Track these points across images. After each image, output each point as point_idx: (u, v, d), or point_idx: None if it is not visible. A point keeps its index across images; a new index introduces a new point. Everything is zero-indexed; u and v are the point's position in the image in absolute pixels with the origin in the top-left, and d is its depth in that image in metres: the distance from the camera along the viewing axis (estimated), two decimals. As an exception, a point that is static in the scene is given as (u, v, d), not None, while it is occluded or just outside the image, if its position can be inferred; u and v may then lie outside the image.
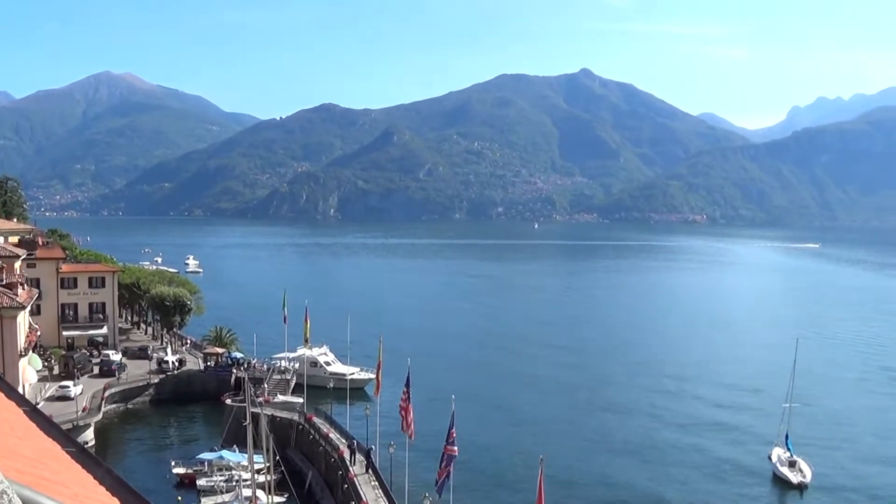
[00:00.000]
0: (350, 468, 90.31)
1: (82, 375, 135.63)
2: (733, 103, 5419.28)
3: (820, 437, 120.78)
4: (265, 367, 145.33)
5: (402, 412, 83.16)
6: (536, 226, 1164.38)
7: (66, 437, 16.41)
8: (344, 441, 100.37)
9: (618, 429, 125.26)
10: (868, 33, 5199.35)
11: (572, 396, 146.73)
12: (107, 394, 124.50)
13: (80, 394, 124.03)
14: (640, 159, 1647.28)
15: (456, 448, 70.10)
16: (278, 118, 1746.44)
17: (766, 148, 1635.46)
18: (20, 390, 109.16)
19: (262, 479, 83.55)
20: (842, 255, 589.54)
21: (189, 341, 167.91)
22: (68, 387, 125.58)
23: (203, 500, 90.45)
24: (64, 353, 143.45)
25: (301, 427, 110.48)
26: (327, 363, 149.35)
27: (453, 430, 69.52)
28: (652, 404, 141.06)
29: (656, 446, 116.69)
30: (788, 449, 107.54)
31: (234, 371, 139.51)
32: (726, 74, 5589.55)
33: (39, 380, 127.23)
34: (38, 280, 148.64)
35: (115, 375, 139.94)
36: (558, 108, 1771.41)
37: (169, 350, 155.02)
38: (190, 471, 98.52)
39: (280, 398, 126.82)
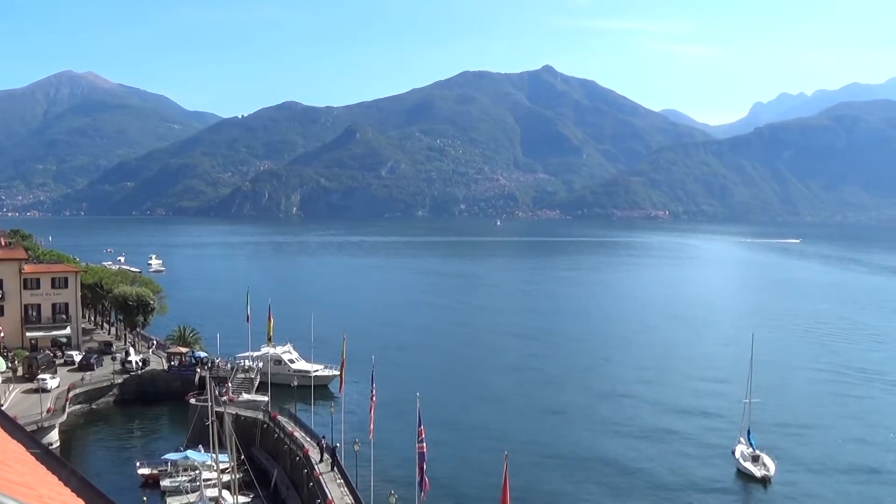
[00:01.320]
0: (315, 466, 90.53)
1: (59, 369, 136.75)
2: (696, 100, 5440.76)
3: (782, 431, 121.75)
4: (229, 365, 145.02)
5: (371, 412, 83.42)
6: (499, 222, 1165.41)
7: (30, 438, 16.44)
8: (308, 439, 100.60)
9: (580, 425, 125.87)
10: (830, 30, 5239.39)
11: (535, 393, 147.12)
12: (71, 394, 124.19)
13: (58, 386, 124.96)
14: (602, 156, 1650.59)
15: (424, 445, 70.43)
16: (240, 116, 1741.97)
17: (728, 144, 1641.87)
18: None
19: (227, 478, 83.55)
20: (822, 252, 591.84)
21: (155, 342, 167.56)
22: (45, 379, 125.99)
23: (168, 500, 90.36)
24: (27, 353, 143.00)
25: (265, 426, 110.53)
26: (291, 361, 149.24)
27: (421, 427, 69.79)
28: (615, 401, 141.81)
29: (620, 443, 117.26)
30: (751, 444, 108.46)
31: (198, 370, 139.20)
32: (689, 71, 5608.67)
33: (3, 381, 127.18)
34: (0, 281, 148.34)
35: (93, 369, 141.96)
36: (521, 105, 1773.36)
37: (132, 350, 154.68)
38: (155, 471, 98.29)
39: (244, 397, 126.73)
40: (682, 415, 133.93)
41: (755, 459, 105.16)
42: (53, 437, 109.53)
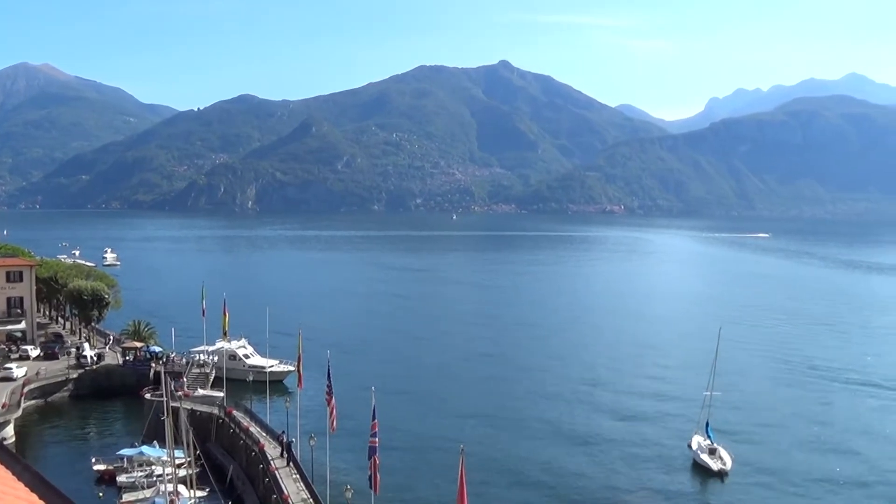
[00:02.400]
0: (272, 461, 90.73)
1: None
2: (652, 95, 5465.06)
3: (739, 425, 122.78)
4: (184, 360, 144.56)
5: (329, 406, 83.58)
6: (455, 217, 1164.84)
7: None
8: (265, 434, 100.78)
9: (538, 419, 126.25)
10: (787, 26, 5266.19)
11: (493, 387, 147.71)
12: (26, 390, 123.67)
13: (24, 375, 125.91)
14: (558, 150, 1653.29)
15: (377, 440, 70.73)
16: (196, 109, 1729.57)
17: (684, 139, 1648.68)
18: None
19: (182, 473, 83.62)
20: (789, 247, 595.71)
21: (112, 337, 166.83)
22: (11, 368, 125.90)
23: (124, 495, 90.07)
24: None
25: (221, 421, 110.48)
26: (246, 356, 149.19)
27: (375, 421, 70.11)
28: (573, 393, 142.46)
29: (577, 435, 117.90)
30: (709, 436, 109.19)
31: (153, 365, 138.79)
32: (645, 66, 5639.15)
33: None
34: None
35: (57, 357, 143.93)
36: (477, 100, 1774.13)
37: (87, 345, 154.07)
38: (110, 467, 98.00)
39: (200, 392, 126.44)
40: (641, 406, 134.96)
41: (712, 452, 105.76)
42: (8, 432, 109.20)
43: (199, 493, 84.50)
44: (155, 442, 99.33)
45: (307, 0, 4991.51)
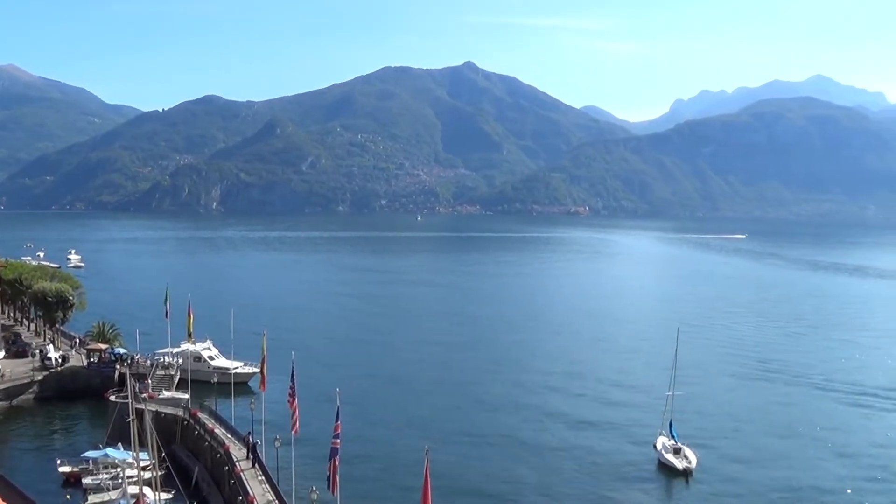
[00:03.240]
0: (237, 463, 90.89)
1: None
2: (617, 96, 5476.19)
3: (703, 424, 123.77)
4: (148, 362, 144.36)
5: (291, 408, 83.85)
6: (420, 218, 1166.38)
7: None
8: (229, 436, 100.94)
9: (504, 420, 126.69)
10: (752, 27, 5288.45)
11: (457, 389, 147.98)
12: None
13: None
14: (523, 152, 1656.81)
15: (339, 441, 71.01)
16: (161, 110, 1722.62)
17: (648, 140, 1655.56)
18: None
19: (148, 475, 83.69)
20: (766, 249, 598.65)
21: (77, 339, 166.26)
22: None
23: (90, 497, 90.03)
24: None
25: (186, 423, 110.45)
26: (211, 358, 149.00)
27: (338, 423, 70.42)
28: (538, 395, 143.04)
29: (542, 436, 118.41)
30: (673, 436, 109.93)
31: (118, 367, 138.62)
32: (610, 68, 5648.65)
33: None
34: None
35: (27, 355, 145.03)
36: (442, 101, 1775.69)
37: (52, 346, 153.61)
38: (75, 469, 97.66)
39: (164, 394, 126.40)
40: (605, 407, 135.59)
41: (677, 452, 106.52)
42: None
43: (165, 496, 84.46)
44: (120, 444, 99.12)
45: (272, 1, 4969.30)
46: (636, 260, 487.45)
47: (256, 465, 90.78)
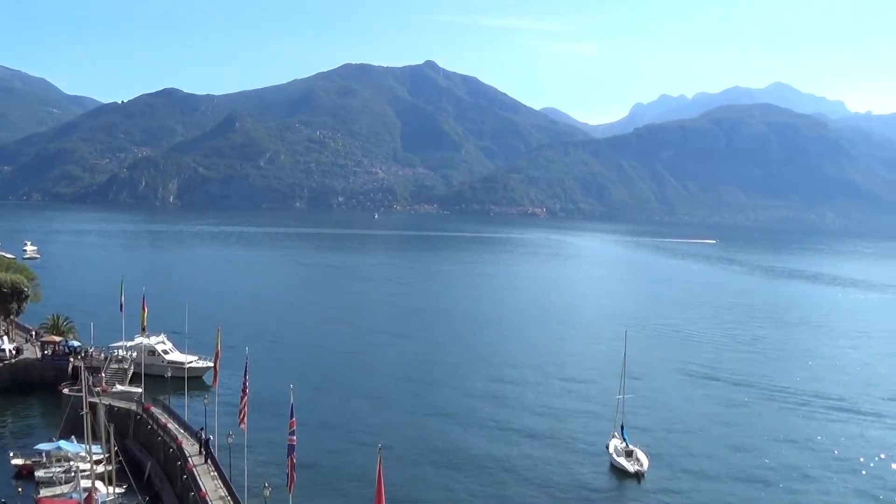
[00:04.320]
0: (189, 458, 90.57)
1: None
2: (576, 99, 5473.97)
3: (654, 426, 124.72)
4: (102, 355, 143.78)
5: (241, 403, 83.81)
6: (377, 216, 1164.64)
7: None
8: (182, 431, 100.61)
9: (455, 420, 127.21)
10: (712, 33, 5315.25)
11: (410, 389, 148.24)
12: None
13: None
14: (481, 152, 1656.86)
15: (294, 438, 70.89)
16: (120, 102, 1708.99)
17: (607, 143, 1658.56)
18: None
19: (101, 469, 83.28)
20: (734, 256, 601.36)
21: (32, 332, 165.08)
22: None
23: (42, 491, 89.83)
24: None
25: (139, 417, 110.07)
26: (165, 352, 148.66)
27: (293, 419, 70.31)
28: (491, 396, 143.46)
29: (494, 438, 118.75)
30: (624, 439, 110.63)
31: (72, 360, 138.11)
32: (570, 70, 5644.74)
33: None
34: None
35: None
36: (402, 100, 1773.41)
37: (6, 339, 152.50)
38: (28, 461, 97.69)
39: (118, 388, 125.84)
40: (557, 410, 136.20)
41: (629, 454, 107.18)
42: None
43: (117, 490, 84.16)
44: (73, 437, 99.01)
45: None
46: (593, 262, 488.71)
47: (209, 461, 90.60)
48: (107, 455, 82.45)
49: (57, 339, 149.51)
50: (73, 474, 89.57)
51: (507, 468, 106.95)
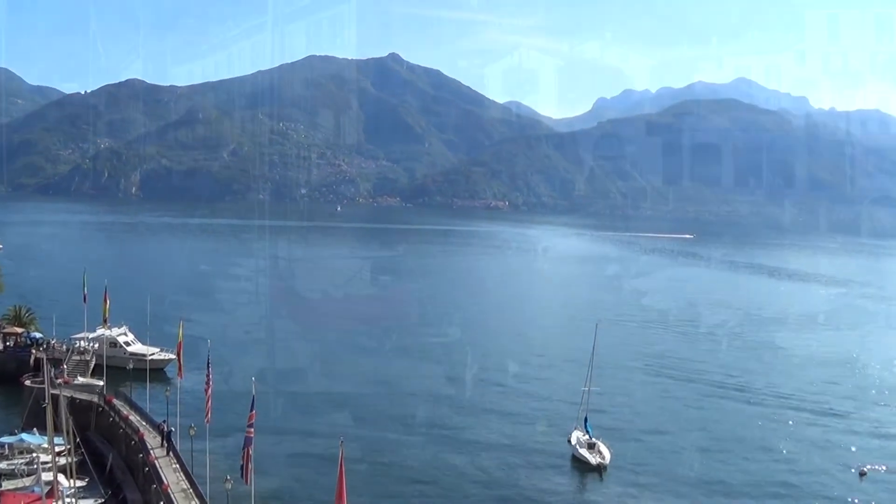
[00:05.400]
0: (151, 451, 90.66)
1: None
2: (540, 93, 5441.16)
3: (617, 420, 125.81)
4: (64, 347, 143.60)
5: (206, 396, 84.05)
6: (339, 208, 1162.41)
7: None
8: (144, 423, 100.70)
9: (419, 415, 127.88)
10: (674, 28, 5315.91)
11: (372, 380, 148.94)
12: None
13: None
14: (444, 145, 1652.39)
15: (252, 430, 71.23)
16: (83, 92, 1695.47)
17: (570, 137, 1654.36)
18: None
19: (63, 461, 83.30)
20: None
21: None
22: None
23: (4, 483, 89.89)
24: None
25: (101, 409, 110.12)
26: (127, 343, 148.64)
27: (253, 412, 70.62)
28: (454, 388, 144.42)
29: (457, 430, 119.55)
30: (587, 431, 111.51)
31: (33, 352, 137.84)
32: (534, 64, 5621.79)
33: None
34: None
35: None
36: (365, 92, 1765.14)
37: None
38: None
39: (80, 380, 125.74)
40: (521, 402, 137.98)
41: (591, 447, 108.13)
42: None
43: (79, 483, 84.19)
44: (35, 429, 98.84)
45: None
46: (558, 257, 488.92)
47: (171, 453, 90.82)
48: (69, 447, 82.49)
49: (19, 330, 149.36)
50: (35, 466, 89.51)
51: (470, 458, 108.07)
